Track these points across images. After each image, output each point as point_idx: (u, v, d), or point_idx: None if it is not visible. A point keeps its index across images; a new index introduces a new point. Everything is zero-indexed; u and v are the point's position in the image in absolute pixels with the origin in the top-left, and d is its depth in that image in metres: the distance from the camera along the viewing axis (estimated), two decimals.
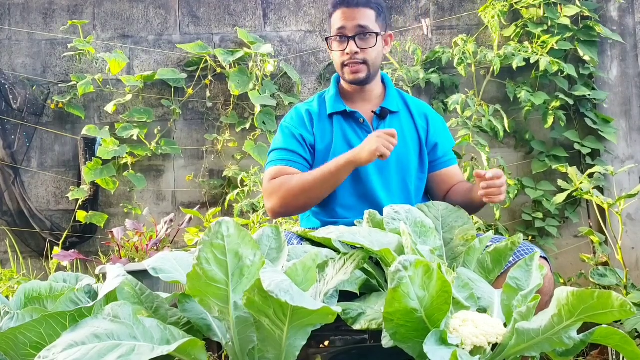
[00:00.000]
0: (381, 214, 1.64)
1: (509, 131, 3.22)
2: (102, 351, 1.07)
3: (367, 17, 1.97)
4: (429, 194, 2.12)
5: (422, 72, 3.24)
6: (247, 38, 3.30)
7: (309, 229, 1.88)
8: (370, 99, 2.06)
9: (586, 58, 3.27)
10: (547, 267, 1.65)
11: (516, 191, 3.12)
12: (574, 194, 2.74)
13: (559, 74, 3.25)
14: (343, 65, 1.99)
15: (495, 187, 1.75)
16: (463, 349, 1.18)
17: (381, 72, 2.13)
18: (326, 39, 2.03)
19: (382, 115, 2.03)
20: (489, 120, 3.10)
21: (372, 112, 2.03)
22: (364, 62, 1.97)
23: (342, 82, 2.09)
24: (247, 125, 3.34)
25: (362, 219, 1.73)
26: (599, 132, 3.25)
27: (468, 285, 1.39)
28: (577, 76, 3.27)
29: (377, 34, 1.98)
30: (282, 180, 1.92)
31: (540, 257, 1.65)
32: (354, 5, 1.96)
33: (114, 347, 1.09)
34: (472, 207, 1.91)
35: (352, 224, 1.82)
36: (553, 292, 1.26)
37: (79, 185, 3.31)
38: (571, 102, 3.24)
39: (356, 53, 1.95)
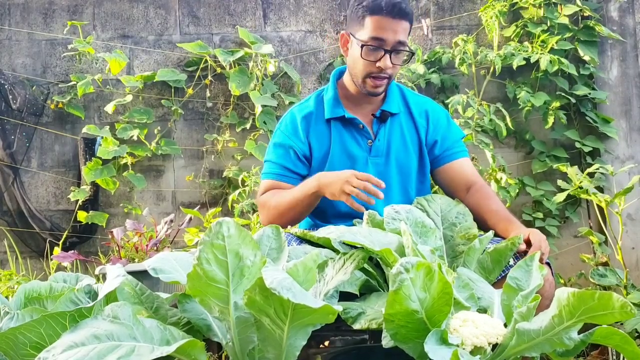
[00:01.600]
0: None
1: (512, 128, 3.23)
2: (102, 352, 1.07)
3: (405, 32, 1.85)
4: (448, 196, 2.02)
5: (422, 68, 3.24)
6: (247, 37, 3.30)
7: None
8: (371, 100, 1.98)
9: (586, 58, 3.27)
10: (548, 270, 1.64)
11: (517, 190, 3.12)
12: (573, 193, 2.74)
13: (559, 73, 3.26)
14: (368, 75, 1.87)
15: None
16: (463, 349, 1.18)
17: None
18: (361, 46, 1.83)
19: (382, 118, 1.95)
20: (490, 120, 3.11)
21: (372, 115, 1.96)
22: (389, 77, 1.89)
23: (345, 80, 2.00)
24: (247, 125, 3.34)
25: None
26: (600, 132, 3.26)
27: (468, 286, 1.39)
28: (577, 75, 3.27)
29: (412, 53, 1.91)
30: (268, 196, 1.90)
31: (544, 263, 1.63)
32: (399, 17, 1.81)
33: (113, 348, 1.09)
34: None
35: None
36: (554, 296, 1.25)
37: (79, 185, 3.31)
38: (572, 100, 3.24)
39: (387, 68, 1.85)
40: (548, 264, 1.69)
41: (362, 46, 1.84)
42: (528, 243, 1.65)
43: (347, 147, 1.94)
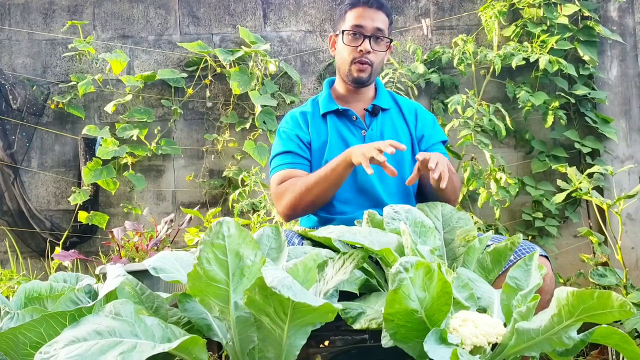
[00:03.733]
0: (379, 208, 1.65)
1: (511, 128, 3.23)
2: (103, 348, 1.07)
3: (383, 22, 2.03)
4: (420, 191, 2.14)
5: (422, 67, 3.25)
6: (248, 37, 3.30)
7: (309, 228, 1.90)
8: (362, 99, 2.12)
9: (586, 58, 3.28)
10: (547, 265, 1.66)
11: (517, 190, 3.12)
12: (573, 194, 2.74)
13: (559, 73, 3.26)
14: (352, 61, 2.03)
15: (438, 169, 1.73)
16: (463, 348, 1.18)
17: None
18: (342, 32, 2.03)
19: (374, 112, 2.09)
20: (490, 120, 3.11)
21: (364, 109, 2.09)
22: (371, 64, 2.03)
23: (336, 84, 2.15)
24: (247, 125, 3.34)
25: (361, 213, 1.74)
26: (599, 132, 3.26)
27: (468, 285, 1.39)
28: (577, 76, 3.28)
29: (390, 40, 2.05)
30: (288, 184, 1.97)
31: (541, 255, 1.65)
32: (375, 7, 2.02)
33: (115, 344, 1.09)
34: (439, 194, 1.90)
35: (351, 220, 1.83)
36: (554, 291, 1.26)
37: (79, 185, 3.31)
38: (572, 100, 3.24)
39: (368, 52, 2.00)
40: (547, 258, 1.71)
41: (344, 32, 2.02)
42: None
43: (343, 136, 2.06)
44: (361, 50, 2.00)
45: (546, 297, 1.45)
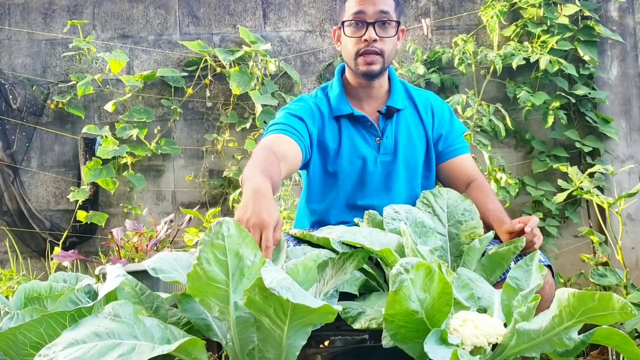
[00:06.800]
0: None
1: (511, 128, 3.23)
2: (102, 350, 1.07)
3: (388, 4, 1.83)
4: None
5: (422, 68, 3.24)
6: (248, 37, 3.30)
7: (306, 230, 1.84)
8: (376, 96, 1.95)
9: (586, 58, 3.28)
10: (548, 272, 1.62)
11: (517, 190, 3.12)
12: (574, 193, 2.74)
13: (559, 73, 3.26)
14: (357, 54, 1.84)
15: (530, 237, 1.64)
16: (463, 349, 1.18)
17: None
18: (342, 23, 1.84)
19: (388, 114, 1.93)
20: (490, 120, 3.11)
21: (378, 111, 1.93)
22: (380, 53, 1.83)
23: (347, 75, 1.96)
24: (247, 125, 3.34)
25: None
26: (600, 132, 3.26)
27: (468, 286, 1.39)
28: (577, 76, 3.28)
29: (397, 23, 1.85)
30: (257, 151, 1.71)
31: (546, 265, 1.62)
32: None
33: (114, 346, 1.09)
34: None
35: None
36: (554, 297, 1.25)
37: (79, 185, 3.31)
38: (572, 100, 3.24)
39: (375, 41, 1.81)
40: (549, 266, 1.68)
41: (344, 23, 1.84)
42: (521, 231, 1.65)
43: (357, 147, 1.92)
44: (366, 40, 1.80)
45: (546, 304, 1.41)
